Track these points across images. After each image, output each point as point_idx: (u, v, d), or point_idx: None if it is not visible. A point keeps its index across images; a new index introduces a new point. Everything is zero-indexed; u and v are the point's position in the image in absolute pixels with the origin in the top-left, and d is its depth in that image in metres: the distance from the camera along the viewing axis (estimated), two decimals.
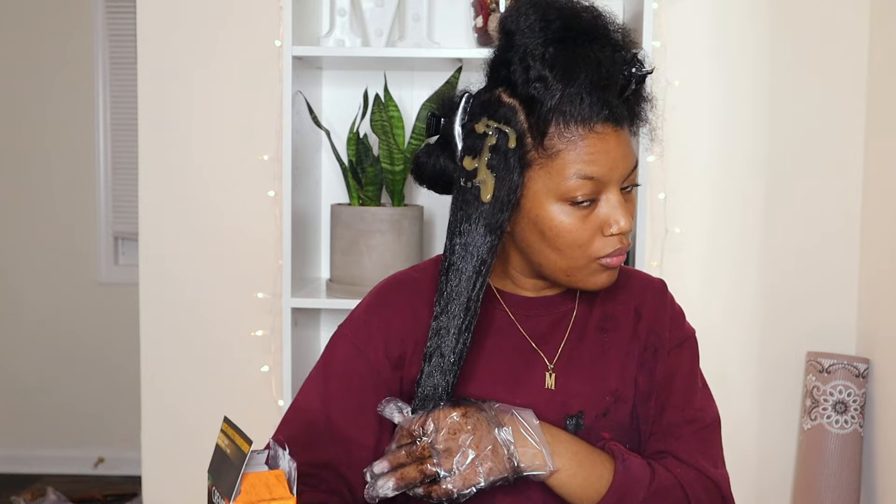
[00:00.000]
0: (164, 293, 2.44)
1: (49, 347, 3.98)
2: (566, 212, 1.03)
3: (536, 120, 1.01)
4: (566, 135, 1.01)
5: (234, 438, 0.84)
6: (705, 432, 1.18)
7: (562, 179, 1.02)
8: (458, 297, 1.05)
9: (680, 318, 1.22)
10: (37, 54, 3.91)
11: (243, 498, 0.82)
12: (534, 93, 1.01)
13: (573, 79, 0.99)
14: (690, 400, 1.18)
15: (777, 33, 2.31)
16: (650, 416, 1.16)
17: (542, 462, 1.04)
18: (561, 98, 0.99)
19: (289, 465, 0.85)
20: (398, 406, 1.06)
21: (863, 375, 2.21)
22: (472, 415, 1.03)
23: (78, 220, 3.96)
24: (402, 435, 1.04)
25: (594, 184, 1.03)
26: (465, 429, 1.02)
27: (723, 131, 2.34)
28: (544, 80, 1.00)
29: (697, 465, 1.14)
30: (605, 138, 1.02)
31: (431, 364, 1.05)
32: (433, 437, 1.01)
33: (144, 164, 2.42)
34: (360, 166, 2.12)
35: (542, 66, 1.00)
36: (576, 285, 1.09)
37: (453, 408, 1.03)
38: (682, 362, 1.19)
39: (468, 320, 1.05)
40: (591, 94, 1.00)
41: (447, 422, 1.02)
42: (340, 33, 2.19)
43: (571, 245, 1.05)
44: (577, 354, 1.15)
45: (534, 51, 1.01)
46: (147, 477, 2.49)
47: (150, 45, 2.40)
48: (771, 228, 2.35)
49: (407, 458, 1.02)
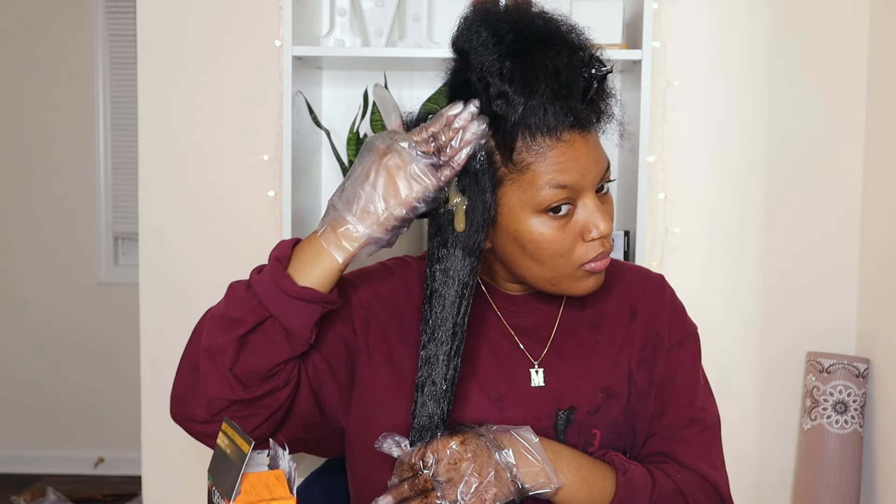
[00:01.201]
0: (164, 293, 2.44)
1: (49, 347, 3.98)
2: (544, 223, 1.03)
3: (503, 136, 1.01)
4: (534, 147, 1.01)
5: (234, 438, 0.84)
6: (706, 433, 1.17)
7: (535, 191, 1.01)
8: (443, 324, 1.04)
9: (681, 314, 1.21)
10: (37, 54, 3.91)
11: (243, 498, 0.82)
12: (497, 110, 1.00)
13: (534, 90, 0.98)
14: (692, 400, 1.18)
15: (777, 33, 2.31)
16: (648, 414, 1.16)
17: (546, 480, 1.03)
18: (524, 111, 0.99)
19: (289, 465, 0.85)
20: (395, 440, 1.04)
21: (863, 375, 2.21)
22: (471, 441, 1.02)
23: (78, 220, 3.96)
24: (403, 469, 1.03)
25: (568, 191, 1.02)
26: (466, 457, 1.01)
27: (723, 131, 2.34)
28: (505, 96, 0.99)
29: (698, 469, 1.14)
30: (574, 146, 1.01)
31: (424, 394, 1.04)
32: (434, 469, 1.01)
33: (144, 164, 2.42)
34: None
35: (500, 82, 0.99)
36: (563, 293, 1.09)
37: (451, 437, 1.02)
38: (683, 360, 1.19)
39: (456, 345, 1.04)
40: (554, 103, 0.99)
41: (446, 452, 1.01)
42: (340, 33, 2.19)
43: (553, 255, 1.04)
44: (568, 351, 1.15)
45: (490, 67, 1.00)
46: (147, 477, 2.49)
47: (150, 45, 2.40)
48: (771, 228, 2.35)
49: (410, 492, 1.02)
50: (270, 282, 0.99)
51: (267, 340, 1.00)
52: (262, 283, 1.00)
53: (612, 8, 2.09)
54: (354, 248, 1.00)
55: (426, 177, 0.98)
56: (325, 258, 1.00)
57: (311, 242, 1.01)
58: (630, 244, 2.11)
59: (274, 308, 0.99)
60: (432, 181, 0.98)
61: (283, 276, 0.99)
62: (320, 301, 1.00)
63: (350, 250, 1.00)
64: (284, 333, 1.00)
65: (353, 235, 0.99)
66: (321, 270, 1.00)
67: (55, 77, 3.92)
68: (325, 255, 1.00)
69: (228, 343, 1.00)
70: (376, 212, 0.98)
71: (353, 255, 1.00)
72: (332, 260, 1.00)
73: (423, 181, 0.98)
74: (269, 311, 0.99)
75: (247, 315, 0.99)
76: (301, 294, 0.99)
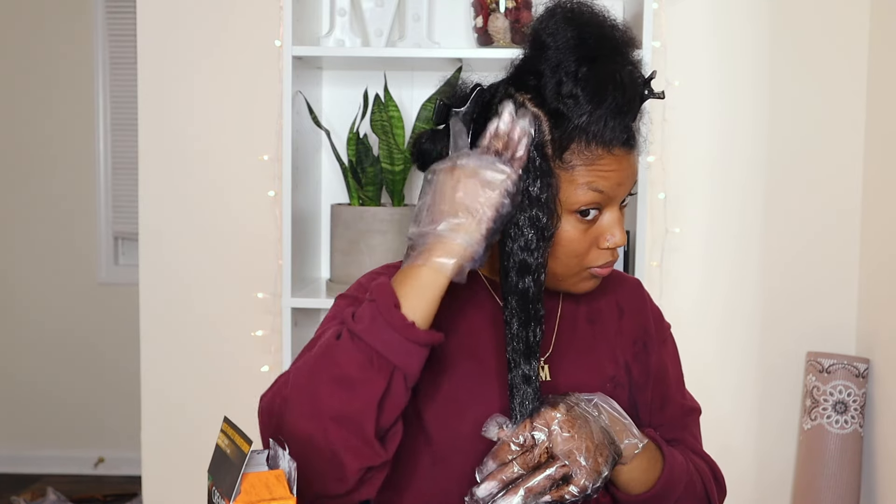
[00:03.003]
0: (164, 293, 2.44)
1: (49, 347, 3.99)
2: (571, 223, 1.06)
3: (560, 134, 1.03)
4: (586, 153, 1.03)
5: (234, 438, 0.84)
6: (695, 420, 1.25)
7: (574, 190, 1.04)
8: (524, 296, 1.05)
9: (659, 315, 1.27)
10: (37, 54, 3.91)
11: (243, 498, 0.82)
12: (563, 108, 1.02)
13: (601, 101, 1.02)
14: (682, 391, 1.26)
15: (777, 33, 2.31)
16: (647, 405, 1.21)
17: (635, 440, 1.06)
18: (589, 119, 1.02)
19: (289, 465, 0.85)
20: (497, 421, 1.03)
21: (863, 375, 2.21)
22: (573, 409, 1.03)
23: (78, 220, 3.97)
24: (506, 450, 1.01)
25: (602, 197, 1.05)
26: (577, 423, 1.01)
27: (723, 131, 2.34)
28: (575, 98, 1.02)
29: (700, 452, 1.22)
30: (620, 160, 1.05)
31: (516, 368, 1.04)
32: (549, 440, 1.00)
33: (144, 164, 2.42)
34: (360, 166, 2.12)
35: (574, 84, 1.02)
36: (563, 289, 1.12)
37: (552, 408, 1.02)
38: (669, 356, 1.25)
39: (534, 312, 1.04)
40: (615, 117, 1.02)
41: (556, 422, 1.01)
42: (340, 33, 2.19)
43: (570, 254, 1.07)
44: (571, 345, 1.18)
45: (568, 67, 1.02)
46: (147, 477, 2.49)
47: (150, 45, 2.40)
48: (771, 228, 2.35)
49: (523, 469, 1.00)
50: (393, 331, 0.94)
51: (396, 394, 0.96)
52: (380, 333, 0.95)
53: (612, 8, 2.08)
54: (456, 261, 0.96)
55: (501, 172, 0.98)
56: (431, 285, 0.97)
57: (411, 276, 0.97)
58: (630, 244, 2.11)
59: (398, 359, 0.95)
60: (507, 171, 0.99)
61: (408, 325, 0.95)
62: (439, 342, 0.98)
63: (451, 264, 0.96)
64: (404, 382, 0.96)
65: (452, 248, 0.96)
66: (430, 303, 0.97)
67: (55, 77, 3.92)
68: (431, 282, 0.97)
69: (367, 410, 0.94)
70: (467, 219, 0.97)
71: (457, 271, 0.97)
72: (439, 284, 0.97)
73: (500, 176, 0.98)
74: (394, 364, 0.95)
75: (374, 376, 0.94)
76: (427, 341, 0.96)
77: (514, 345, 1.04)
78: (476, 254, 0.98)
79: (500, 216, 0.98)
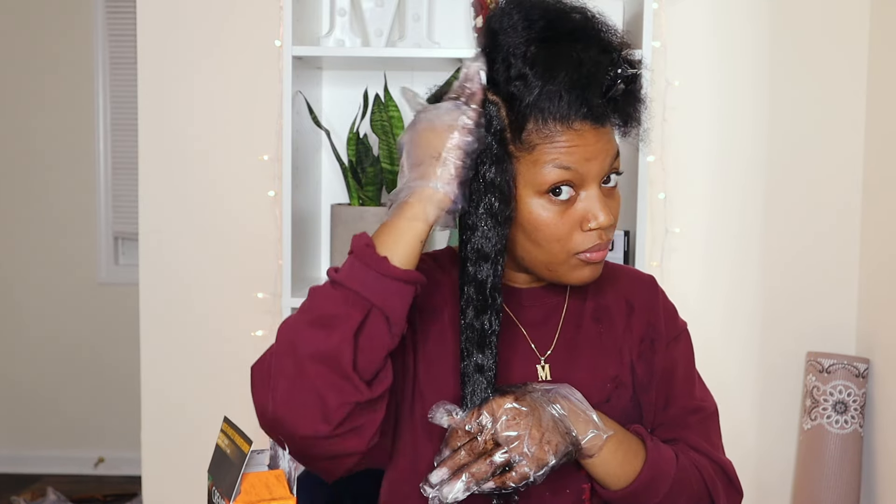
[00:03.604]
0: (164, 293, 2.44)
1: (49, 347, 3.98)
2: (544, 206, 1.05)
3: (515, 116, 1.03)
4: (544, 131, 1.02)
5: (234, 438, 0.84)
6: (708, 421, 1.22)
7: (538, 169, 1.03)
8: (480, 288, 1.05)
9: (673, 313, 1.25)
10: (37, 54, 3.91)
11: (243, 498, 0.82)
12: (513, 90, 1.02)
13: (552, 77, 1.01)
14: (691, 391, 1.22)
15: (777, 33, 2.31)
16: (651, 405, 1.19)
17: (596, 431, 1.06)
18: (539, 95, 1.01)
19: (289, 465, 0.85)
20: (446, 409, 1.03)
21: (863, 375, 2.21)
22: (524, 397, 1.03)
23: (78, 220, 3.96)
24: (456, 436, 1.03)
25: (571, 174, 1.03)
26: (523, 411, 1.02)
27: (723, 131, 2.34)
28: (524, 78, 1.02)
29: (706, 452, 1.19)
30: (583, 135, 1.03)
31: (470, 359, 1.05)
32: (495, 428, 1.01)
33: (144, 165, 2.42)
34: (360, 166, 2.12)
35: (522, 64, 1.02)
36: (558, 280, 1.11)
37: (503, 396, 1.03)
38: (680, 355, 1.23)
39: (491, 304, 1.05)
40: (570, 92, 1.01)
41: (503, 410, 1.01)
42: (340, 33, 2.19)
43: (549, 239, 1.06)
44: (575, 344, 1.17)
45: (515, 50, 1.02)
46: (147, 477, 2.49)
47: (150, 45, 2.40)
48: (771, 228, 2.35)
49: (469, 457, 1.01)
50: (367, 269, 0.97)
51: (375, 332, 0.97)
52: (356, 274, 0.97)
53: (612, 8, 2.09)
54: (434, 210, 0.99)
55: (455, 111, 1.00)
56: (407, 232, 0.99)
57: (387, 226, 1.00)
58: (630, 244, 2.11)
59: (375, 297, 0.96)
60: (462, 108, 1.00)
61: (380, 259, 0.97)
62: (417, 281, 0.99)
63: (430, 213, 0.99)
64: (386, 322, 0.97)
65: (423, 193, 0.99)
66: (406, 246, 0.99)
67: (55, 77, 3.91)
68: (406, 228, 0.99)
69: (342, 342, 0.95)
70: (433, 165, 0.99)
71: (435, 220, 0.99)
72: (416, 231, 0.99)
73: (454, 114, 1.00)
74: (371, 302, 0.96)
75: (350, 310, 0.96)
76: (402, 276, 0.97)
77: (467, 334, 1.04)
78: (451, 194, 0.99)
79: (467, 154, 1.00)
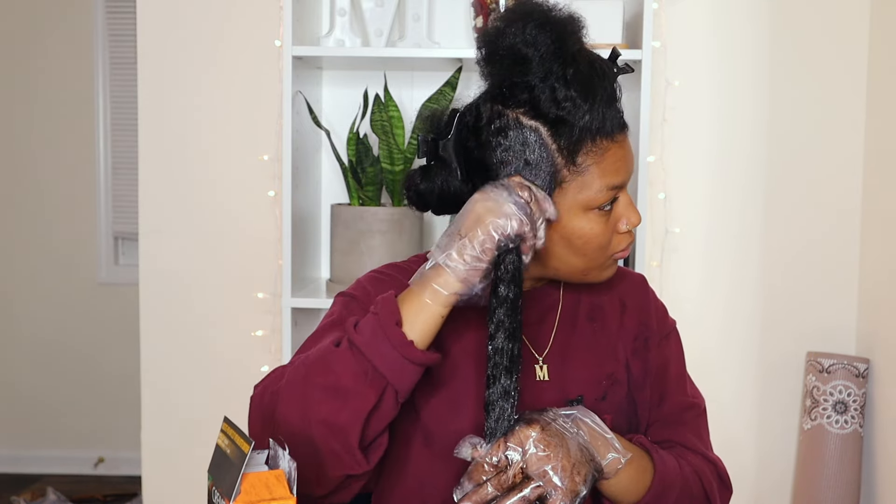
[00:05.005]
0: (164, 293, 2.44)
1: (49, 347, 3.98)
2: (593, 220, 1.07)
3: (567, 140, 1.04)
4: (594, 150, 1.05)
5: (234, 438, 0.84)
6: (700, 419, 1.24)
7: (593, 192, 1.06)
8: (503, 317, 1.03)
9: (664, 311, 1.27)
10: (37, 54, 3.91)
11: (243, 498, 0.82)
12: (562, 114, 1.03)
13: (594, 95, 1.03)
14: (684, 388, 1.24)
15: (777, 33, 2.31)
16: (646, 402, 1.20)
17: (616, 455, 1.05)
18: (590, 116, 1.03)
19: (289, 465, 0.85)
20: (471, 442, 1.01)
21: (863, 375, 2.21)
22: (549, 427, 1.01)
23: (78, 220, 3.96)
24: (480, 470, 1.00)
25: (618, 190, 1.08)
26: (553, 442, 1.00)
27: (723, 131, 2.34)
28: (573, 101, 1.03)
29: (703, 453, 1.20)
30: (622, 145, 1.07)
31: (496, 384, 1.01)
32: (524, 460, 0.99)
33: (144, 165, 2.42)
34: (360, 166, 2.12)
35: (566, 88, 1.03)
36: (589, 281, 1.14)
37: (528, 426, 1.00)
38: (671, 353, 1.24)
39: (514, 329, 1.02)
40: (609, 106, 1.04)
41: (532, 442, 0.99)
42: (340, 33, 2.19)
43: (597, 249, 1.09)
44: (571, 343, 1.18)
45: (557, 73, 1.03)
46: (147, 477, 2.49)
47: (150, 45, 2.40)
48: (771, 228, 2.35)
49: (497, 491, 0.99)
50: (393, 349, 0.96)
51: (385, 409, 0.97)
52: (380, 348, 0.96)
53: (612, 8, 2.09)
54: (449, 294, 0.98)
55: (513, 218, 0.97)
56: (428, 309, 0.98)
57: (412, 296, 0.99)
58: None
59: (393, 377, 0.96)
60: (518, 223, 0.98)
61: (407, 343, 0.97)
62: (434, 363, 0.99)
63: (444, 294, 0.98)
64: (395, 398, 0.98)
65: (447, 280, 0.98)
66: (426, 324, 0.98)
67: (55, 77, 3.92)
68: (426, 306, 0.98)
69: (354, 420, 0.95)
70: (462, 250, 0.97)
71: (452, 302, 0.98)
72: (434, 312, 0.98)
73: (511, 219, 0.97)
74: (388, 381, 0.96)
75: (367, 389, 0.96)
76: (424, 362, 0.97)
77: (496, 359, 1.01)
78: (468, 283, 0.98)
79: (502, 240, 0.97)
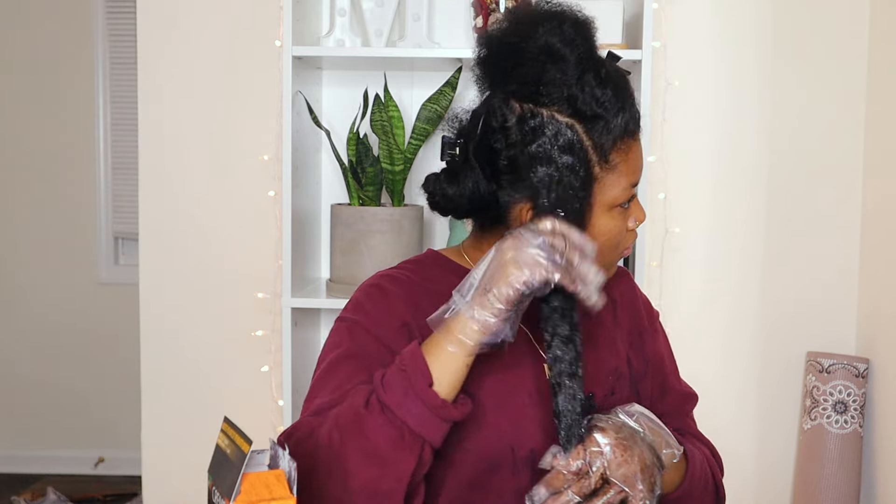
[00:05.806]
0: (164, 293, 2.44)
1: (50, 347, 3.98)
2: (614, 217, 1.09)
3: (600, 137, 1.05)
4: (622, 148, 1.06)
5: (234, 438, 0.84)
6: (693, 407, 1.28)
7: (619, 189, 1.07)
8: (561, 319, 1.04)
9: (649, 304, 1.30)
10: (37, 54, 3.91)
11: (243, 498, 0.82)
12: (600, 111, 1.04)
13: (626, 93, 1.06)
14: (679, 378, 1.28)
15: (777, 33, 2.31)
16: (648, 393, 1.22)
17: (673, 450, 1.08)
18: (624, 114, 1.05)
19: (289, 465, 0.85)
20: (551, 452, 1.02)
21: (863, 375, 2.21)
22: (622, 430, 1.03)
23: (78, 220, 3.96)
24: (559, 478, 1.00)
25: (635, 187, 1.10)
26: (629, 445, 1.01)
27: (723, 131, 2.34)
28: (610, 99, 1.05)
29: (704, 441, 1.24)
30: (639, 143, 1.10)
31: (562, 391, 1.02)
32: (604, 466, 1.00)
33: (144, 164, 2.42)
34: (360, 166, 2.12)
35: (603, 87, 1.05)
36: None
37: (602, 431, 1.01)
38: (662, 344, 1.27)
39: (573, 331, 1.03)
40: (633, 105, 1.07)
41: (609, 447, 1.00)
42: (340, 33, 2.19)
43: (612, 246, 1.10)
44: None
45: (594, 71, 1.05)
46: (147, 477, 2.49)
47: (150, 45, 2.40)
48: (771, 228, 2.34)
49: (578, 497, 1.00)
50: (428, 411, 0.96)
51: (423, 464, 0.98)
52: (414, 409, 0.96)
53: (612, 8, 2.09)
54: (475, 344, 0.97)
55: (537, 267, 0.95)
56: (453, 361, 0.98)
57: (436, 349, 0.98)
58: None
59: (429, 434, 0.97)
60: (543, 271, 0.96)
61: (441, 405, 0.97)
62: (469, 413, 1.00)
63: (470, 345, 0.97)
64: (431, 450, 0.99)
65: (469, 329, 0.97)
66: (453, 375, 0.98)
67: (55, 77, 3.92)
68: (452, 358, 0.98)
69: (397, 487, 0.96)
70: (484, 301, 0.96)
71: (477, 351, 0.98)
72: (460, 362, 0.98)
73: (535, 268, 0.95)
74: (425, 439, 0.97)
75: (405, 453, 0.96)
76: (459, 417, 0.98)
77: (559, 367, 1.02)
78: (491, 330, 0.96)
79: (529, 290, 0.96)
